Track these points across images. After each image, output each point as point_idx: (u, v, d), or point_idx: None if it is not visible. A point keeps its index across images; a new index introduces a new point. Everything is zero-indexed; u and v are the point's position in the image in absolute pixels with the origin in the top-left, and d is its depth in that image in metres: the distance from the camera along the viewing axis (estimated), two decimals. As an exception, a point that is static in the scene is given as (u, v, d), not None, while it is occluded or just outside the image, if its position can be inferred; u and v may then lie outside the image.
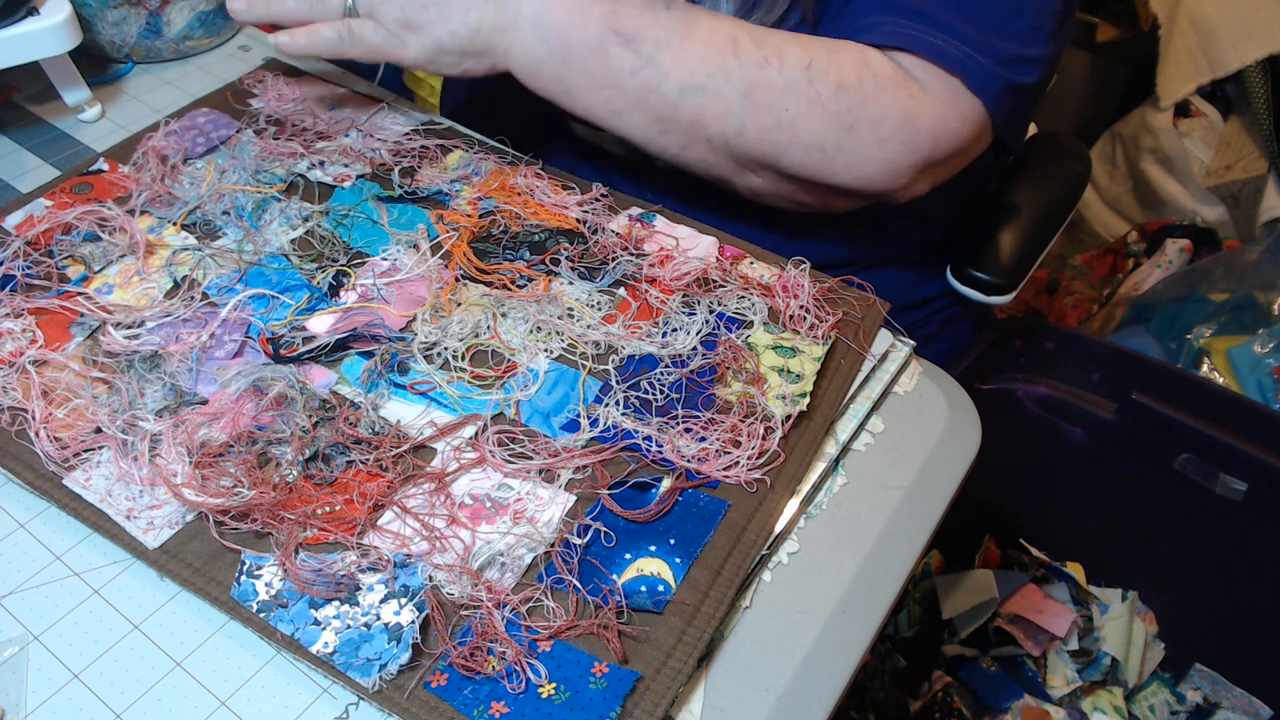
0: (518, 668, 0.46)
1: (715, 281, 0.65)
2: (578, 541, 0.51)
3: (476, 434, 0.56)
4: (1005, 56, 0.68)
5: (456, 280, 0.65)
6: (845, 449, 0.59)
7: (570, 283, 0.65)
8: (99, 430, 0.55)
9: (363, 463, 0.54)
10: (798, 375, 0.60)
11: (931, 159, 0.69)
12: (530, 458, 0.55)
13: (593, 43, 0.65)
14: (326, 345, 0.59)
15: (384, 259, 0.66)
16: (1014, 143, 0.77)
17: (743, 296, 0.64)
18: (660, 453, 0.55)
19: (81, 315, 0.61)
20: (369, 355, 0.60)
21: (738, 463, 0.55)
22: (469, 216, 0.69)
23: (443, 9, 0.67)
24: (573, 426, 0.57)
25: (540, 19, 0.66)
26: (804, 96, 0.65)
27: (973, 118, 0.69)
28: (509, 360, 0.60)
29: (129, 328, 0.60)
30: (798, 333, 0.62)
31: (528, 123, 0.86)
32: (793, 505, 0.55)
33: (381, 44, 0.68)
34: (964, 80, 0.67)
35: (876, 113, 0.66)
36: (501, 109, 0.89)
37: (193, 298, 0.62)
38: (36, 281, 0.63)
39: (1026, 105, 0.75)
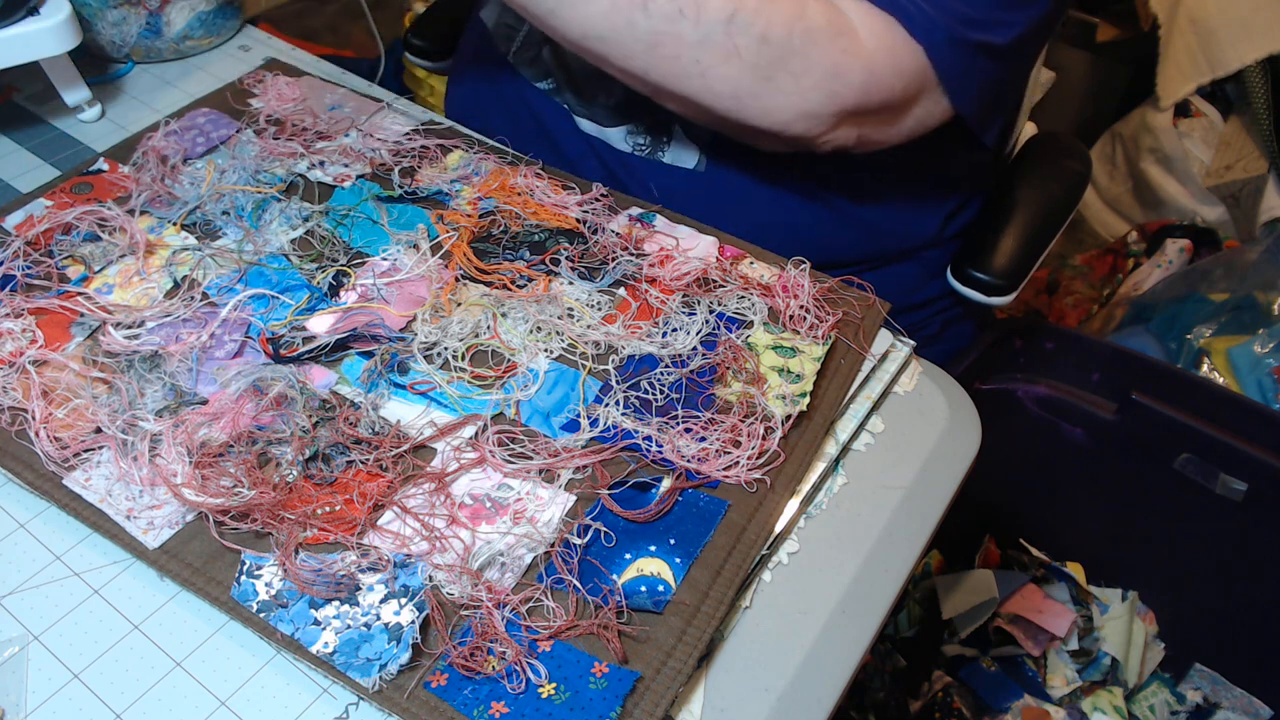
0: (518, 668, 0.46)
1: (715, 281, 0.65)
2: (578, 541, 0.51)
3: (476, 434, 0.56)
4: (955, 12, 0.66)
5: (456, 280, 0.65)
6: (845, 449, 0.59)
7: (570, 283, 0.65)
8: (99, 430, 0.55)
9: (363, 463, 0.54)
10: (798, 375, 0.60)
11: (859, 108, 0.67)
12: (530, 458, 0.55)
13: None
14: (326, 345, 0.59)
15: (384, 259, 0.66)
16: (970, 112, 0.73)
17: (743, 296, 0.64)
18: (660, 453, 0.55)
19: (81, 315, 0.61)
20: (369, 355, 0.60)
21: (738, 463, 0.55)
22: (469, 216, 0.69)
23: None
24: (573, 426, 0.57)
25: None
26: (719, 49, 0.64)
27: (909, 68, 0.67)
28: (509, 360, 0.60)
29: (129, 328, 0.60)
30: (798, 333, 0.62)
31: (529, 122, 0.86)
32: (793, 505, 0.55)
33: None
34: (903, 23, 0.65)
35: (800, 66, 0.64)
36: (502, 109, 0.89)
37: (193, 298, 0.62)
38: (36, 281, 0.63)
39: (985, 69, 0.71)
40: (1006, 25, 0.68)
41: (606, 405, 0.57)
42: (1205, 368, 1.28)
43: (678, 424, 0.57)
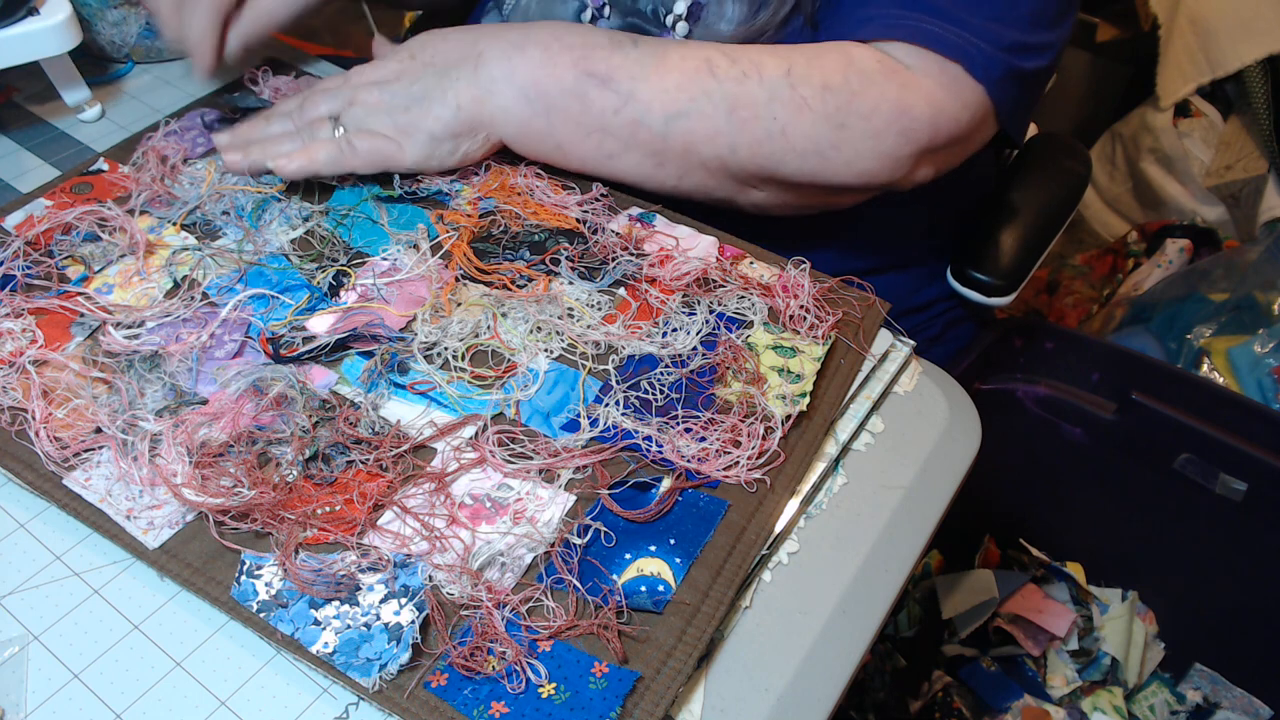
0: (518, 668, 0.46)
1: (715, 281, 0.65)
2: (578, 541, 0.51)
3: (476, 434, 0.56)
4: (1007, 43, 0.68)
5: (456, 280, 0.65)
6: (845, 449, 0.59)
7: (570, 283, 0.65)
8: (99, 430, 0.55)
9: (363, 463, 0.54)
10: (798, 375, 0.60)
11: (931, 144, 0.68)
12: (530, 458, 0.55)
13: (569, 88, 0.66)
14: (326, 345, 0.59)
15: (384, 259, 0.66)
16: (1017, 134, 0.76)
17: (743, 296, 0.64)
18: (660, 453, 0.55)
19: (81, 315, 0.61)
20: (369, 355, 0.60)
21: (738, 463, 0.55)
22: (469, 216, 0.69)
23: (423, 102, 0.67)
24: (573, 426, 0.57)
25: (513, 77, 0.66)
26: (789, 102, 0.65)
27: (974, 103, 0.69)
28: (509, 360, 0.60)
29: (129, 328, 0.60)
30: (798, 333, 0.62)
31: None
32: (793, 505, 0.55)
33: (378, 151, 0.68)
34: (965, 66, 0.67)
35: (866, 107, 0.66)
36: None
37: (193, 298, 0.62)
38: (36, 281, 0.63)
39: (1030, 93, 0.74)
40: (1046, 48, 0.71)
41: (606, 405, 0.57)
42: (1205, 368, 1.28)
43: (678, 424, 0.57)
